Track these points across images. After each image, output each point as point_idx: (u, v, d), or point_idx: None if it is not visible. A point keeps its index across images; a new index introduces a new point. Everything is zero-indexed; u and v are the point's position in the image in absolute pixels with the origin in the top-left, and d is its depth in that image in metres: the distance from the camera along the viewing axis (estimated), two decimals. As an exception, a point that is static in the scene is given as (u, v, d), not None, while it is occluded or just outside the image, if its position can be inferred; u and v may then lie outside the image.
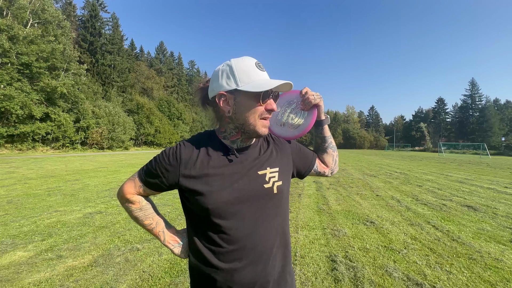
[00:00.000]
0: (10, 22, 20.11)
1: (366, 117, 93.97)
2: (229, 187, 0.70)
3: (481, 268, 2.43)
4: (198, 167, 0.71)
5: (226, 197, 0.69)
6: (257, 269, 0.70)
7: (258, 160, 0.77)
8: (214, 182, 0.70)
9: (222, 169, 0.72)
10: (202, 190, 0.69)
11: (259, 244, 0.71)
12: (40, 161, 13.62)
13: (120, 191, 0.81)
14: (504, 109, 62.84)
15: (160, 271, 2.34)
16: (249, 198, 0.72)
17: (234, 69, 0.69)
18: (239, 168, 0.74)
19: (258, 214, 0.72)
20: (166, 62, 61.16)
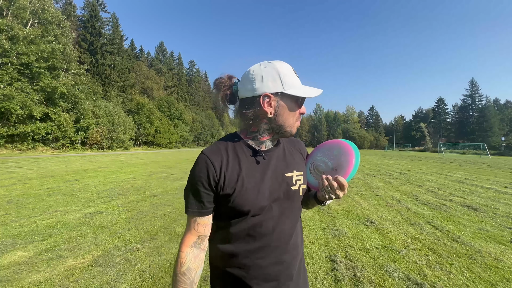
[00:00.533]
0: (10, 22, 20.09)
1: (366, 117, 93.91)
2: (261, 188, 0.73)
3: (481, 268, 2.43)
4: (231, 170, 0.73)
5: (259, 198, 0.73)
6: (282, 266, 0.75)
7: (284, 162, 0.81)
8: (248, 184, 0.72)
9: (253, 171, 0.74)
10: (236, 193, 0.71)
11: (285, 243, 0.77)
12: (40, 161, 13.62)
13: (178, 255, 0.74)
14: (504, 109, 62.78)
15: (160, 271, 2.34)
16: (278, 198, 0.76)
17: (280, 73, 0.72)
18: (268, 169, 0.76)
19: (285, 214, 0.77)
20: (166, 62, 61.10)
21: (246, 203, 0.71)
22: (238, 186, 0.71)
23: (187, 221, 0.76)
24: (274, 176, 0.77)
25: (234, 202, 0.71)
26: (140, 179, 7.69)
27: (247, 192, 0.71)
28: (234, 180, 0.72)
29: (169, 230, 3.39)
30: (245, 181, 0.72)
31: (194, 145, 54.93)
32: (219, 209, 0.75)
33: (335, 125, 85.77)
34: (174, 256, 2.63)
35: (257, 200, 0.72)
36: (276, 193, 0.76)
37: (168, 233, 3.27)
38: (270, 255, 0.74)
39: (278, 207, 0.76)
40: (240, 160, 0.74)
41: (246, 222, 0.73)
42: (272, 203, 0.75)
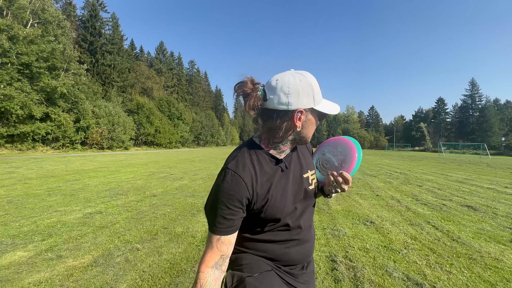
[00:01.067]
0: (10, 22, 20.08)
1: (366, 117, 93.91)
2: (287, 195, 0.79)
3: (481, 268, 2.43)
4: (260, 184, 0.74)
5: (287, 205, 0.79)
6: (304, 253, 0.86)
7: (299, 164, 0.86)
8: (276, 194, 0.77)
9: (279, 180, 0.78)
10: (267, 205, 0.75)
11: (306, 234, 0.86)
12: (40, 161, 13.62)
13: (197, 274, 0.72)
14: (504, 109, 62.76)
15: (160, 271, 2.34)
16: (300, 199, 0.84)
17: (313, 88, 0.74)
18: (290, 175, 0.82)
19: (306, 210, 0.86)
20: (166, 62, 61.09)
21: (277, 212, 0.77)
22: (269, 200, 0.75)
23: (208, 239, 0.73)
24: (295, 180, 0.83)
25: (265, 213, 0.76)
26: (140, 179, 7.69)
27: (276, 202, 0.76)
28: (265, 193, 0.75)
29: (169, 230, 3.39)
30: (274, 192, 0.76)
31: (194, 145, 54.91)
32: (248, 220, 0.79)
33: (335, 125, 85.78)
34: (174, 256, 2.63)
35: (285, 208, 0.78)
36: (298, 195, 0.83)
37: (168, 233, 3.27)
38: (296, 245, 0.83)
39: (300, 206, 0.84)
40: (267, 172, 0.77)
41: (275, 225, 0.80)
42: (296, 204, 0.82)
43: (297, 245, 0.84)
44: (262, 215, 0.76)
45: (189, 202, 4.90)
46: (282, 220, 0.79)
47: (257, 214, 0.76)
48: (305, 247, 0.86)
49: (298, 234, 0.83)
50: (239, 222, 0.74)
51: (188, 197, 5.33)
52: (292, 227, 0.82)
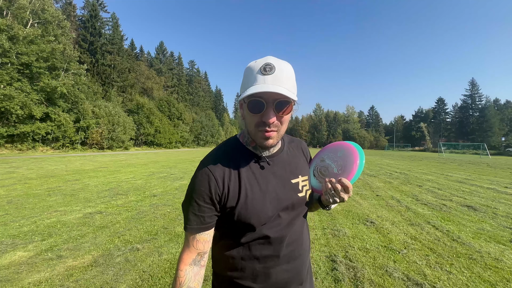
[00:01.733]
0: (10, 22, 20.08)
1: (366, 117, 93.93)
2: (267, 197, 0.70)
3: (481, 268, 2.43)
4: (234, 180, 0.68)
5: (265, 209, 0.69)
6: (291, 273, 0.74)
7: (289, 168, 0.77)
8: (252, 194, 0.68)
9: (257, 179, 0.70)
10: (241, 205, 0.67)
11: (295, 250, 0.75)
12: (40, 161, 13.62)
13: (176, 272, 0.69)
14: (504, 109, 62.77)
15: (160, 271, 2.34)
16: (286, 207, 0.73)
17: (244, 74, 0.67)
18: (273, 177, 0.73)
19: (294, 221, 0.75)
20: (166, 62, 61.10)
21: (251, 215, 0.67)
22: (242, 198, 0.67)
23: (185, 237, 0.71)
24: (281, 184, 0.73)
25: (239, 215, 0.67)
26: (140, 179, 7.69)
27: (252, 203, 0.68)
28: (237, 191, 0.68)
29: (169, 230, 3.39)
30: (249, 191, 0.68)
31: (194, 145, 54.91)
32: (223, 222, 0.71)
33: (335, 125, 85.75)
34: (174, 256, 2.64)
35: (263, 212, 0.69)
36: (284, 202, 0.72)
37: (168, 233, 3.27)
38: (280, 264, 0.71)
39: (287, 215, 0.73)
40: (241, 168, 0.70)
41: (254, 233, 0.70)
42: (280, 212, 0.72)
43: (282, 263, 0.71)
44: (235, 217, 0.67)
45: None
46: (259, 229, 0.69)
47: (230, 216, 0.69)
48: (293, 265, 0.73)
49: (283, 249, 0.71)
50: (212, 220, 0.69)
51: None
52: (273, 240, 0.70)
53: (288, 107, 0.65)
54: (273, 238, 0.70)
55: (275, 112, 0.63)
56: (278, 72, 0.62)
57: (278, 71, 0.62)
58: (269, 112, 0.63)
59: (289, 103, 0.64)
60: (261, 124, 0.64)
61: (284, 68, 0.64)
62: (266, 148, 0.70)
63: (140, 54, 55.97)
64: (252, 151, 0.73)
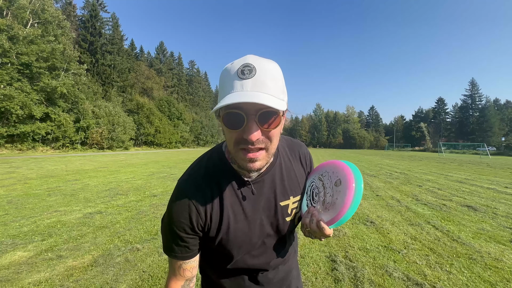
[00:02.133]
0: (10, 22, 20.10)
1: (366, 117, 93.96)
2: (251, 227, 0.63)
3: (481, 268, 2.43)
4: (216, 212, 0.60)
5: (252, 238, 0.63)
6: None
7: (279, 187, 0.66)
8: (235, 224, 0.61)
9: (242, 205, 0.62)
10: (222, 236, 0.61)
11: (281, 274, 0.71)
12: (40, 161, 13.62)
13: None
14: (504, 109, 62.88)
15: (160, 271, 2.34)
16: (272, 233, 0.66)
17: (219, 80, 0.54)
18: (259, 202, 0.63)
19: (279, 247, 0.69)
20: (166, 62, 61.15)
21: (233, 246, 0.62)
22: (223, 228, 0.60)
23: (170, 264, 0.64)
24: (267, 207, 0.64)
25: (220, 245, 0.62)
26: (140, 179, 7.69)
27: (235, 233, 0.61)
28: (219, 222, 0.60)
29: (169, 230, 3.39)
30: (231, 220, 0.60)
31: (194, 145, 54.92)
32: (205, 246, 0.66)
33: (335, 125, 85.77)
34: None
35: (246, 242, 0.63)
36: (269, 228, 0.65)
37: (168, 233, 3.27)
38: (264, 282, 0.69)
39: (271, 241, 0.67)
40: (224, 192, 0.61)
41: (235, 261, 0.65)
42: (265, 239, 0.66)
43: (265, 282, 0.69)
44: (216, 246, 0.62)
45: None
46: (242, 257, 0.65)
47: (211, 243, 0.63)
48: (276, 282, 0.71)
49: (268, 276, 0.69)
50: (197, 246, 0.63)
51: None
52: (257, 265, 0.67)
53: (276, 119, 0.51)
54: (256, 265, 0.66)
55: (258, 125, 0.50)
56: (260, 75, 0.49)
57: (259, 73, 0.49)
58: (251, 127, 0.49)
59: (276, 113, 0.50)
60: (241, 142, 0.51)
61: (268, 68, 0.51)
62: (251, 172, 0.59)
63: (140, 54, 56.01)
64: (237, 171, 0.61)
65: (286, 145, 0.74)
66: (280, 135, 0.61)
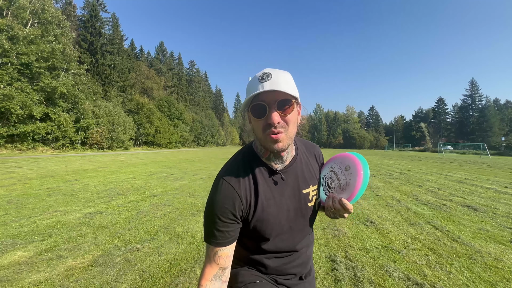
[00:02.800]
0: (10, 22, 20.08)
1: (366, 117, 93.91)
2: (280, 211, 0.74)
3: (481, 268, 2.43)
4: (253, 198, 0.72)
5: (278, 221, 0.73)
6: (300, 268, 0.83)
7: (301, 178, 0.79)
8: (268, 208, 0.72)
9: (271, 193, 0.73)
10: (257, 218, 0.71)
11: (302, 256, 0.82)
12: (40, 161, 13.61)
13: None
14: (504, 109, 62.81)
15: (160, 271, 2.34)
16: (297, 216, 0.77)
17: (246, 90, 0.70)
18: (286, 189, 0.75)
19: (302, 229, 0.80)
20: (166, 62, 61.11)
21: (267, 229, 0.73)
22: (258, 211, 0.71)
23: (207, 251, 0.72)
24: (292, 195, 0.76)
25: (254, 227, 0.72)
26: (140, 179, 7.69)
27: (267, 217, 0.72)
28: (254, 206, 0.71)
29: (169, 230, 3.39)
30: (265, 205, 0.72)
31: (194, 145, 54.91)
32: (243, 234, 0.76)
33: (335, 125, 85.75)
34: (174, 256, 2.63)
35: (276, 224, 0.73)
36: (294, 212, 0.76)
37: (168, 233, 3.27)
38: (290, 262, 0.80)
39: (297, 226, 0.78)
40: (258, 181, 0.72)
41: (267, 243, 0.75)
42: (293, 222, 0.77)
43: (292, 261, 0.80)
44: (250, 228, 0.73)
45: (189, 202, 4.90)
46: (273, 240, 0.75)
47: (245, 226, 0.74)
48: (301, 262, 0.82)
49: (294, 255, 0.80)
50: (235, 233, 0.72)
51: (188, 197, 5.33)
52: (285, 247, 0.78)
53: (290, 106, 0.66)
54: (284, 246, 0.77)
55: (277, 112, 0.65)
56: (275, 78, 0.65)
57: (274, 77, 0.65)
58: (272, 113, 0.64)
59: (290, 101, 0.66)
60: (267, 127, 0.66)
61: (281, 74, 0.67)
62: (278, 153, 0.71)
63: (140, 54, 55.97)
64: (266, 163, 0.75)
65: (303, 144, 0.89)
66: (299, 137, 0.83)
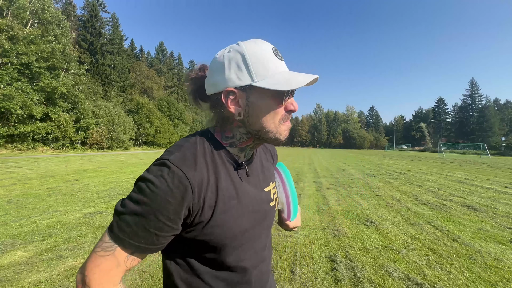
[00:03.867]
0: (10, 22, 20.08)
1: (366, 117, 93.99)
2: (245, 212, 0.57)
3: (481, 268, 2.43)
4: (210, 194, 0.52)
5: (243, 224, 0.57)
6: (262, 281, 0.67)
7: (262, 174, 0.67)
8: (232, 209, 0.55)
9: (236, 189, 0.57)
10: (219, 222, 0.53)
11: (264, 264, 0.66)
12: (40, 161, 13.61)
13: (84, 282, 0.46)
14: (504, 109, 62.87)
15: (160, 271, 2.34)
16: (260, 219, 0.62)
17: (248, 58, 0.52)
18: (250, 186, 0.61)
19: (264, 234, 0.65)
20: (166, 62, 61.16)
21: (228, 235, 0.54)
22: (217, 213, 0.52)
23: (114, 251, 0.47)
24: (257, 193, 0.62)
25: (210, 233, 0.53)
26: (140, 179, 7.68)
27: (231, 222, 0.54)
28: (213, 204, 0.52)
29: (169, 230, 3.39)
30: (227, 205, 0.54)
31: (194, 145, 54.82)
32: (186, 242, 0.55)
33: (335, 125, 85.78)
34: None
35: (238, 228, 0.56)
36: (259, 214, 0.61)
37: (168, 233, 3.27)
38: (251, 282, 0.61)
39: (260, 228, 0.63)
40: (220, 175, 0.55)
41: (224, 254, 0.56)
42: (255, 226, 0.61)
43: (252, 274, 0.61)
44: (203, 234, 0.53)
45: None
46: (230, 247, 0.56)
47: (196, 232, 0.53)
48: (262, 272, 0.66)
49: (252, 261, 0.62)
50: (167, 241, 0.51)
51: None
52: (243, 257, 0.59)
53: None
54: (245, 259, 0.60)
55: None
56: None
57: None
58: (293, 100, 0.57)
59: None
60: (285, 116, 0.56)
61: None
62: (281, 142, 0.59)
63: (140, 54, 56.00)
64: (232, 154, 0.59)
65: None
66: None
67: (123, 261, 0.48)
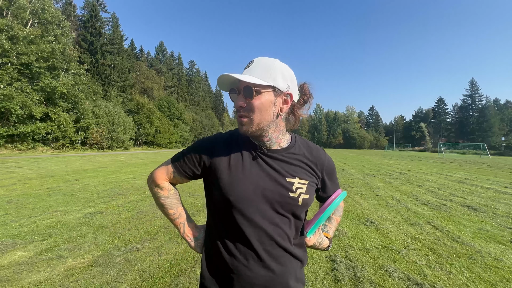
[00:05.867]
0: (10, 22, 20.06)
1: (366, 117, 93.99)
2: (253, 183, 0.70)
3: (481, 268, 2.43)
4: (228, 157, 0.74)
5: (249, 192, 0.70)
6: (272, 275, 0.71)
7: (289, 167, 0.74)
8: (240, 174, 0.71)
9: (243, 163, 0.73)
10: (227, 179, 0.71)
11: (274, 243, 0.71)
12: (40, 161, 13.61)
13: (151, 176, 0.83)
14: (504, 109, 62.82)
15: (160, 271, 2.34)
16: (272, 200, 0.70)
17: None
18: (267, 168, 0.73)
19: (278, 218, 0.71)
20: (166, 62, 61.11)
21: (232, 193, 0.69)
22: (230, 174, 0.72)
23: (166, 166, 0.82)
24: (273, 178, 0.71)
25: (223, 189, 0.70)
26: (140, 179, 7.69)
27: (237, 183, 0.70)
28: (228, 167, 0.73)
29: (169, 230, 3.39)
30: (238, 171, 0.72)
31: (194, 145, 54.80)
32: (209, 194, 0.79)
33: (335, 125, 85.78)
34: (174, 256, 2.64)
35: (245, 194, 0.69)
36: (271, 194, 0.70)
37: (168, 233, 3.27)
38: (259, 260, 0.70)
39: (272, 209, 0.70)
40: (234, 150, 0.76)
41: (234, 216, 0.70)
42: (265, 204, 0.70)
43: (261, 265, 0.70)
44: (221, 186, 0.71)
45: (189, 202, 4.90)
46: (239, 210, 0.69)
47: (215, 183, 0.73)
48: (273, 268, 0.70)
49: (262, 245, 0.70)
50: (189, 172, 0.78)
51: (188, 197, 5.33)
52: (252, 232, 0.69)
53: (257, 94, 0.67)
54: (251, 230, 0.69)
55: (243, 97, 0.69)
56: (255, 65, 0.69)
57: (255, 64, 0.69)
58: (238, 98, 0.70)
59: (252, 89, 0.66)
60: (236, 110, 0.71)
61: (265, 61, 0.70)
62: (244, 134, 0.73)
63: (140, 54, 55.97)
64: (252, 141, 0.77)
65: (305, 145, 0.82)
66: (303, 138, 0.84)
67: (171, 172, 0.81)
